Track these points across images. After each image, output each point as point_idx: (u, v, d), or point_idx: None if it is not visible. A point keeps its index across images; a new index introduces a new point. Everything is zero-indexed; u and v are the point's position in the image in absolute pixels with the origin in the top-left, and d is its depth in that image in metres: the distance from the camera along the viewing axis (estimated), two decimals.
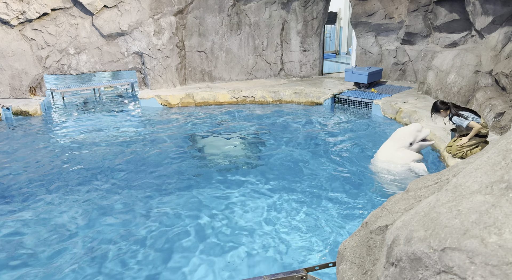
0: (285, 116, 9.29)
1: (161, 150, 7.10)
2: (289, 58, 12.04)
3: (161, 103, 10.26)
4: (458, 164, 1.84)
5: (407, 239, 1.28)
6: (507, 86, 6.91)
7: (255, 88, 10.71)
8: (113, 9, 10.09)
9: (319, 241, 4.20)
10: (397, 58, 10.99)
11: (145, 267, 3.85)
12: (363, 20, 10.93)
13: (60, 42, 10.01)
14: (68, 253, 4.08)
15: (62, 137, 8.04)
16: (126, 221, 4.69)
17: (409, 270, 1.23)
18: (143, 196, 5.31)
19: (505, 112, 6.49)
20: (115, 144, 7.47)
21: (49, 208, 5.03)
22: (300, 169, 6.10)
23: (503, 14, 7.49)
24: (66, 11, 9.92)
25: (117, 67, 10.72)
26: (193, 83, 11.52)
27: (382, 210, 1.82)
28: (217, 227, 4.52)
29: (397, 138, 5.80)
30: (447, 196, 1.32)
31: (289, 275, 1.86)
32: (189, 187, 5.58)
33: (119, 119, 9.37)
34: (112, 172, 6.16)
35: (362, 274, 1.63)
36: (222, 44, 11.41)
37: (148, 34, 10.44)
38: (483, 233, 1.06)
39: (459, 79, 8.19)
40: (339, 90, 10.23)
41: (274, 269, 3.80)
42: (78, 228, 4.56)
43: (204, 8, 10.93)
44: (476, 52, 8.11)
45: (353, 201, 5.00)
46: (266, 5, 11.33)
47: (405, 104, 8.57)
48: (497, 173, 1.23)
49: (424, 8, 9.83)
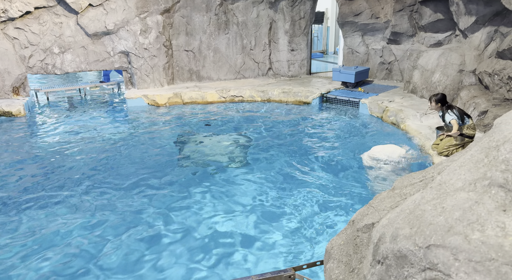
0: (273, 115, 9.30)
1: (148, 150, 7.03)
2: (277, 57, 12.06)
3: (148, 102, 10.16)
4: (442, 162, 1.87)
5: (393, 236, 1.29)
6: (490, 85, 7.05)
7: (243, 87, 10.70)
8: (99, 8, 9.94)
9: (306, 239, 4.22)
10: (384, 58, 11.11)
11: (127, 269, 3.81)
12: (350, 19, 11.02)
13: (44, 41, 9.81)
14: (44, 255, 4.00)
15: (46, 138, 7.89)
16: (108, 222, 4.63)
17: (395, 268, 1.24)
18: (127, 197, 5.24)
19: (488, 110, 6.62)
20: (100, 145, 7.36)
21: (28, 211, 4.92)
22: (286, 168, 6.11)
23: (486, 14, 7.64)
24: (50, 10, 9.73)
25: (103, 66, 10.56)
26: (181, 83, 11.44)
27: (368, 208, 1.83)
28: (202, 228, 4.49)
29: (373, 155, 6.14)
30: (431, 193, 1.34)
31: (277, 275, 1.86)
32: (175, 187, 5.53)
33: (105, 119, 9.25)
34: (96, 173, 6.07)
35: (349, 272, 1.64)
36: (210, 44, 11.35)
37: (134, 33, 10.32)
38: (466, 230, 1.07)
39: (443, 78, 8.32)
40: (327, 90, 10.29)
41: (262, 268, 3.80)
42: (61, 230, 4.47)
43: (191, 7, 10.86)
44: (460, 52, 8.25)
45: (339, 200, 5.03)
46: (253, 5, 11.32)
47: (392, 103, 8.67)
48: (480, 170, 1.25)
49: (409, 8, 9.96)
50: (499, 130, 1.32)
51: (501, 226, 1.04)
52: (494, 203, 1.11)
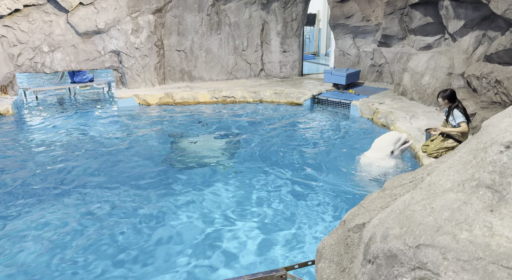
0: (265, 116, 9.32)
1: (138, 151, 6.98)
2: (269, 58, 12.09)
3: (139, 102, 10.09)
4: (432, 163, 1.90)
5: (383, 236, 1.30)
6: (478, 88, 7.18)
7: (235, 88, 10.69)
8: (89, 7, 9.84)
9: (298, 240, 4.23)
10: (374, 60, 11.21)
11: (119, 268, 3.78)
12: (341, 22, 11.10)
13: (33, 40, 9.68)
14: (32, 254, 3.95)
15: (34, 138, 7.78)
16: (98, 222, 4.58)
17: (385, 267, 1.25)
18: (116, 197, 5.20)
19: (476, 113, 6.74)
20: (89, 145, 7.29)
21: (14, 211, 4.85)
22: (277, 169, 6.12)
23: (474, 18, 7.78)
24: (39, 8, 9.60)
25: (94, 65, 10.46)
26: (172, 83, 11.38)
27: (359, 208, 1.85)
28: (193, 228, 4.48)
29: (377, 149, 5.81)
30: (421, 194, 1.36)
31: (269, 274, 1.87)
32: (165, 187, 5.50)
33: (95, 119, 9.16)
34: (84, 173, 6.01)
35: (340, 271, 1.66)
36: (202, 44, 11.33)
37: (125, 33, 10.24)
38: (455, 229, 1.10)
39: (433, 80, 8.44)
40: (318, 91, 10.34)
41: (253, 268, 3.80)
42: (48, 230, 4.42)
43: (183, 7, 10.82)
44: (449, 55, 8.38)
45: (331, 200, 5.07)
46: (246, 5, 11.33)
47: (382, 105, 8.76)
48: (468, 171, 1.27)
49: (400, 11, 10.07)
50: (487, 132, 1.35)
51: (488, 226, 1.06)
52: (482, 204, 1.14)
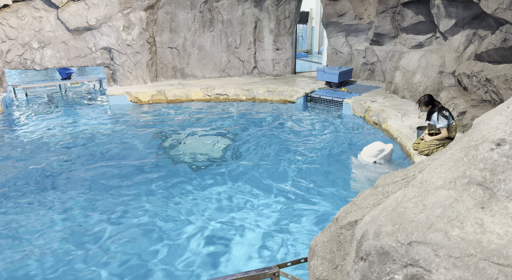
0: (258, 114, 9.31)
1: (129, 149, 6.93)
2: (262, 56, 12.07)
3: (131, 100, 10.00)
4: (424, 161, 1.91)
5: (376, 233, 1.31)
6: (469, 86, 7.25)
7: (228, 86, 10.66)
8: (80, 3, 9.71)
9: (291, 237, 4.24)
10: (366, 58, 11.26)
11: (113, 265, 3.75)
12: (334, 20, 11.12)
13: (22, 36, 9.53)
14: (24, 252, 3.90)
15: (23, 135, 7.67)
16: (89, 221, 4.54)
17: (378, 264, 1.26)
18: (106, 195, 5.16)
19: (466, 111, 6.81)
20: (79, 142, 7.21)
21: (3, 209, 4.79)
22: (270, 167, 6.13)
23: (465, 17, 7.85)
24: (28, 3, 9.45)
25: (84, 62, 10.34)
26: (164, 80, 11.31)
27: (352, 205, 1.86)
28: (187, 226, 4.47)
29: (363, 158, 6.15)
30: (413, 191, 1.37)
31: (262, 272, 1.87)
32: (155, 186, 5.47)
33: (85, 117, 9.06)
34: (74, 171, 5.94)
35: (333, 269, 1.66)
36: (194, 41, 11.26)
37: (117, 29, 10.13)
38: (446, 226, 1.10)
39: (424, 79, 8.51)
40: (311, 89, 10.36)
41: (246, 266, 3.80)
42: (42, 228, 4.37)
43: (175, 4, 10.74)
44: (440, 53, 8.45)
45: (323, 197, 5.09)
46: (238, 3, 11.28)
47: (374, 103, 8.81)
48: (459, 169, 1.28)
49: (392, 10, 10.13)
50: (478, 130, 1.36)
51: (480, 223, 1.07)
52: (473, 201, 1.15)
